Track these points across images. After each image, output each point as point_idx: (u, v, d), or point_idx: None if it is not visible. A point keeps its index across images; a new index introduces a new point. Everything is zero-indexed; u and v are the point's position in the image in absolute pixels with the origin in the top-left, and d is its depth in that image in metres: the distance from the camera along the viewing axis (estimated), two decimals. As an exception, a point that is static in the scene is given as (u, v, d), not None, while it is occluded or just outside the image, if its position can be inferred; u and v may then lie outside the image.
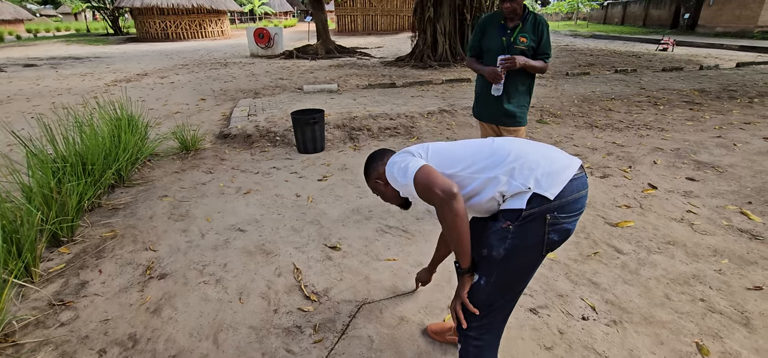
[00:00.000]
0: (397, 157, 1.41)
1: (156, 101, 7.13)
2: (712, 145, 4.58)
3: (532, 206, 1.21)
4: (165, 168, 4.08)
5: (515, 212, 1.23)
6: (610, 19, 31.40)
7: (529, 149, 1.31)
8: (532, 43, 2.52)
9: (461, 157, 1.36)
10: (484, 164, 1.30)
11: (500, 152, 1.31)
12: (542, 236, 1.24)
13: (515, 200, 1.24)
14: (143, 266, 2.52)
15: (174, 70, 10.93)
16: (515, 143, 1.35)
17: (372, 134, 5.07)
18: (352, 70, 10.41)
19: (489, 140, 1.41)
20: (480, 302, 1.33)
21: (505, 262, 1.27)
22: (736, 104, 6.43)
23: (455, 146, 1.42)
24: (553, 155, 1.30)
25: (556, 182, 1.22)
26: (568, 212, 1.25)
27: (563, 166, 1.26)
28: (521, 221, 1.22)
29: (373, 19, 27.46)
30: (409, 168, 1.29)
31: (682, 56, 12.44)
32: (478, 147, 1.38)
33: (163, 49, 17.45)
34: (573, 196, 1.24)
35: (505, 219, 1.25)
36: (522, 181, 1.23)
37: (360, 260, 2.55)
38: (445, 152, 1.40)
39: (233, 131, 5.01)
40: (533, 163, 1.26)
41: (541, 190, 1.21)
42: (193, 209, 3.23)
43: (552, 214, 1.22)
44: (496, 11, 2.62)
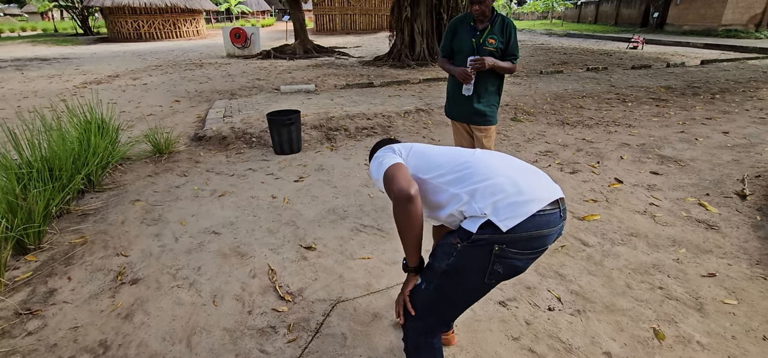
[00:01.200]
0: (380, 152, 1.43)
1: (128, 103, 6.97)
2: (676, 140, 4.78)
3: (482, 231, 1.17)
4: (137, 172, 4.01)
5: (466, 233, 1.21)
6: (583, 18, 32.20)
7: (501, 170, 1.26)
8: (501, 45, 2.60)
9: (437, 164, 1.35)
10: (453, 178, 1.28)
11: (472, 168, 1.28)
12: (486, 264, 1.19)
13: (470, 221, 1.21)
14: (114, 271, 2.48)
15: (147, 71, 10.68)
16: (491, 160, 1.31)
17: (349, 134, 5.10)
18: (330, 69, 10.40)
19: (469, 153, 1.37)
20: (419, 305, 1.36)
21: (445, 276, 1.27)
22: (699, 100, 6.73)
23: (436, 152, 1.42)
24: (522, 183, 1.21)
25: (514, 214, 1.15)
26: (521, 248, 1.17)
27: (528, 199, 1.17)
28: (469, 243, 1.20)
29: (351, 19, 27.42)
30: (383, 164, 1.31)
31: (651, 54, 12.89)
32: (454, 158, 1.35)
33: (136, 50, 17.01)
34: (531, 233, 1.16)
35: (456, 236, 1.24)
36: (480, 205, 1.19)
37: (335, 259, 2.58)
38: (424, 156, 1.40)
39: (208, 133, 4.96)
40: (497, 187, 1.20)
41: (496, 218, 1.15)
42: (166, 213, 3.20)
43: (501, 246, 1.16)
44: (466, 13, 2.68)
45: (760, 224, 2.90)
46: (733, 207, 3.15)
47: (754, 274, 2.38)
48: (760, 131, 5.03)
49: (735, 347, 1.88)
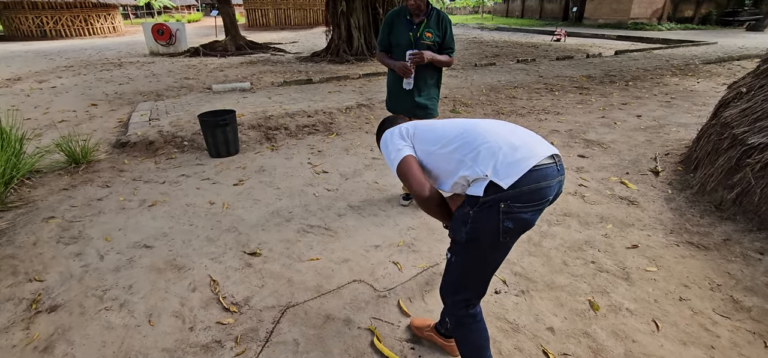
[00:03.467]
0: (387, 135, 1.52)
1: (34, 110, 6.21)
2: (598, 124, 5.19)
3: (488, 194, 1.24)
4: (50, 186, 3.58)
5: (474, 199, 1.28)
6: (511, 13, 33.96)
7: (499, 133, 1.32)
8: (437, 38, 2.64)
9: (440, 136, 1.41)
10: (456, 146, 1.34)
11: (472, 134, 1.34)
12: (497, 223, 1.25)
13: (475, 186, 1.28)
14: (27, 299, 2.19)
15: (55, 72, 9.58)
16: (492, 126, 1.37)
17: (290, 133, 4.94)
18: (266, 67, 10.02)
19: (470, 122, 1.42)
20: (452, 278, 1.47)
21: (467, 245, 1.36)
22: (615, 88, 7.36)
23: (439, 125, 1.48)
24: (517, 142, 1.28)
25: (513, 171, 1.22)
26: (525, 202, 1.23)
27: (525, 156, 1.24)
28: (479, 207, 1.26)
29: (285, 13, 26.62)
30: (392, 156, 1.43)
31: (573, 46, 13.90)
32: (455, 127, 1.42)
33: (40, 49, 15.20)
34: (530, 186, 1.22)
35: (467, 204, 1.31)
36: (482, 167, 1.25)
37: (282, 263, 2.48)
38: (428, 131, 1.47)
39: (132, 138, 4.55)
40: (496, 148, 1.27)
41: (496, 178, 1.22)
42: (87, 229, 2.88)
43: (506, 202, 1.22)
44: (402, 7, 2.69)
45: (671, 196, 3.23)
46: (649, 183, 3.49)
47: (669, 242, 2.64)
48: (666, 114, 5.62)
49: (657, 309, 2.08)
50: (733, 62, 9.89)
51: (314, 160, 4.17)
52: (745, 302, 2.11)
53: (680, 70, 8.95)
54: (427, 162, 1.43)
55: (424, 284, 2.29)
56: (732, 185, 2.88)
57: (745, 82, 3.49)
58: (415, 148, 1.46)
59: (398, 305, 2.13)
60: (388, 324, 2.00)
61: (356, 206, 3.19)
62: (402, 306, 2.11)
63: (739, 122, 3.10)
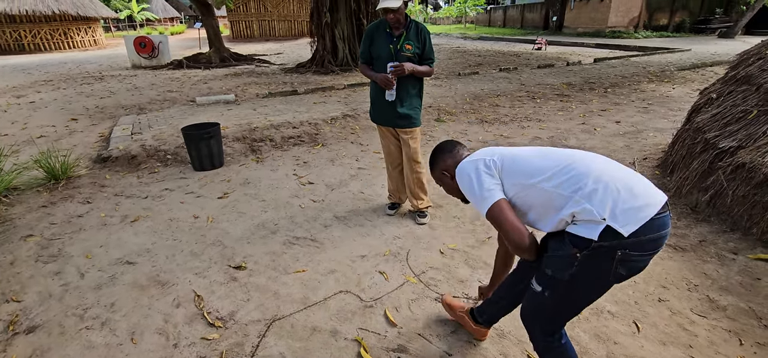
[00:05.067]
0: (470, 168, 1.40)
1: (11, 125, 6.07)
2: (579, 131, 5.32)
3: (603, 239, 1.17)
4: (28, 203, 3.50)
5: (585, 241, 1.20)
6: (493, 22, 34.58)
7: (611, 174, 1.24)
8: (417, 50, 2.69)
9: (538, 168, 1.32)
10: (562, 180, 1.26)
11: (580, 170, 1.26)
12: (609, 270, 1.20)
13: (586, 227, 1.20)
14: (4, 321, 2.13)
15: (34, 87, 9.39)
16: (597, 162, 1.29)
17: (275, 144, 4.93)
18: (251, 78, 9.99)
19: (568, 153, 1.35)
20: (542, 311, 1.40)
21: (567, 286, 1.28)
22: (595, 95, 7.55)
23: (530, 155, 1.39)
24: (635, 188, 1.22)
25: (634, 218, 1.16)
26: (643, 250, 1.19)
27: (646, 203, 1.18)
28: (590, 252, 1.19)
29: (269, 25, 26.62)
30: (485, 196, 1.32)
31: (553, 54, 14.21)
32: (555, 160, 1.33)
33: (18, 63, 14.88)
34: (650, 236, 1.17)
35: (572, 244, 1.23)
36: (598, 209, 1.18)
37: (268, 276, 2.47)
38: (519, 162, 1.37)
39: (114, 153, 4.48)
40: (613, 191, 1.19)
41: (615, 224, 1.15)
42: (67, 247, 2.82)
43: (623, 251, 1.17)
44: (381, 20, 2.73)
45: (649, 200, 3.32)
46: (628, 187, 3.57)
47: (648, 244, 2.71)
48: (644, 119, 5.78)
49: (638, 311, 2.13)
50: (706, 68, 10.24)
51: (300, 171, 4.17)
52: (721, 302, 2.18)
53: (656, 76, 9.22)
54: (522, 197, 1.34)
55: (411, 294, 2.30)
56: (706, 187, 2.98)
57: (715, 89, 3.63)
58: (504, 183, 1.36)
59: (385, 314, 2.14)
60: (375, 334, 2.01)
61: (342, 217, 3.20)
62: (389, 316, 2.12)
63: (710, 127, 3.21)
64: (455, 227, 3.00)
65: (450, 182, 1.57)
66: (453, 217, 3.16)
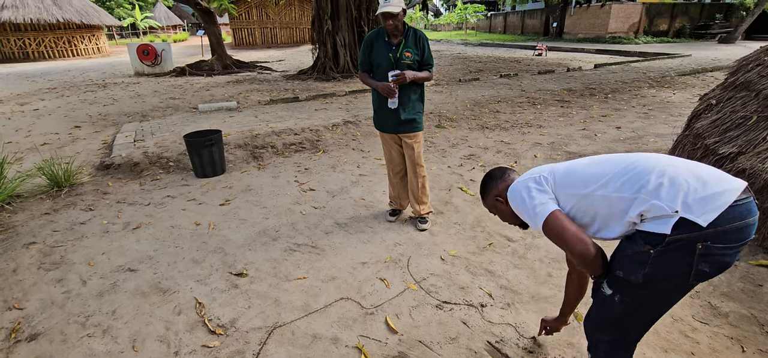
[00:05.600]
0: (521, 186, 1.35)
1: (15, 133, 6.11)
2: (579, 136, 5.32)
3: (678, 231, 1.08)
4: (31, 210, 3.52)
5: (657, 237, 1.11)
6: (494, 29, 34.74)
7: (675, 166, 1.16)
8: (417, 57, 2.71)
9: (593, 176, 1.25)
10: (622, 182, 1.18)
11: (640, 168, 1.18)
12: (689, 266, 1.10)
13: (658, 222, 1.11)
14: (6, 329, 2.14)
15: (38, 95, 9.46)
16: (657, 158, 1.21)
17: (277, 151, 4.96)
18: (253, 85, 10.04)
19: (624, 156, 1.27)
20: (613, 318, 1.30)
21: (643, 287, 1.19)
22: (595, 100, 7.56)
23: (583, 165, 1.33)
24: (705, 175, 1.12)
25: (711, 206, 1.06)
26: (727, 241, 1.07)
27: (722, 190, 1.09)
28: (664, 247, 1.10)
29: (272, 32, 26.81)
30: (537, 210, 1.26)
31: (554, 60, 14.26)
32: (612, 164, 1.25)
33: (23, 71, 15.00)
34: (734, 224, 1.07)
35: (644, 242, 1.14)
36: (667, 202, 1.09)
37: (269, 283, 2.48)
38: (573, 173, 1.31)
39: (117, 160, 4.51)
40: (682, 183, 1.10)
41: (690, 215, 1.06)
42: (70, 254, 2.84)
43: (705, 243, 1.07)
44: (380, 28, 2.76)
45: (650, 206, 3.32)
46: (629, 193, 3.57)
47: (649, 251, 2.71)
48: (644, 125, 5.78)
49: (639, 318, 2.12)
50: (706, 73, 10.25)
51: (301, 178, 4.18)
52: (723, 308, 2.18)
53: (657, 82, 9.23)
54: (581, 208, 1.26)
55: (412, 300, 2.30)
56: (707, 193, 2.98)
57: (715, 95, 3.64)
58: (559, 197, 1.29)
59: (386, 321, 2.14)
60: (376, 341, 2.01)
61: (343, 224, 3.20)
62: (389, 323, 2.12)
63: (710, 133, 3.22)
64: (456, 234, 3.01)
65: (504, 207, 1.50)
66: (454, 223, 3.16)
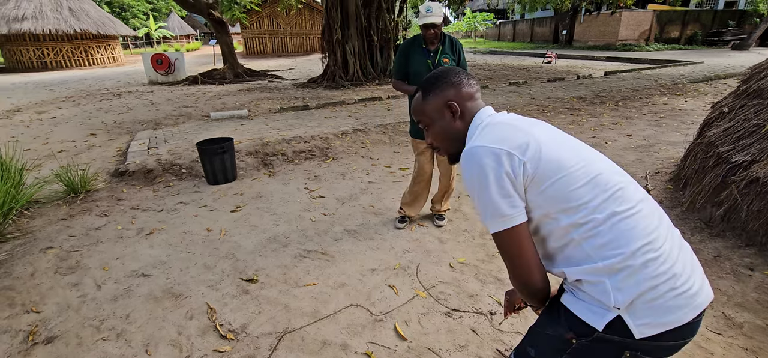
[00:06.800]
0: (489, 158, 0.94)
1: (34, 140, 6.27)
2: (589, 144, 5.27)
3: (610, 331, 0.89)
4: (48, 216, 3.60)
5: (586, 328, 0.92)
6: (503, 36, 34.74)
7: (664, 247, 0.89)
8: (453, 62, 2.78)
9: (579, 203, 0.91)
10: (599, 237, 0.89)
11: (624, 230, 0.89)
12: None
13: (592, 309, 0.91)
14: (24, 331, 2.20)
15: (55, 103, 9.70)
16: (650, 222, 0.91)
17: (287, 159, 5.01)
18: (263, 93, 10.18)
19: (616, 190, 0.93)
20: None
21: None
22: (606, 108, 7.51)
23: (573, 178, 0.92)
24: (679, 279, 0.87)
25: (660, 321, 0.86)
26: (659, 354, 0.92)
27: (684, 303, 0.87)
28: (590, 342, 0.92)
29: (282, 41, 27.15)
30: (498, 212, 0.93)
31: (563, 68, 14.20)
32: (600, 198, 0.91)
33: (41, 80, 15.39)
34: (673, 343, 0.90)
35: (569, 326, 0.95)
36: (617, 294, 0.86)
37: (279, 289, 2.50)
38: (562, 181, 0.92)
39: (131, 167, 4.60)
40: (653, 274, 0.86)
41: (630, 319, 0.87)
42: (85, 259, 2.90)
43: (633, 352, 0.90)
44: (416, 37, 2.83)
45: (662, 214, 3.28)
46: (640, 202, 3.54)
47: (661, 260, 2.68)
48: (656, 133, 5.73)
49: (651, 327, 2.10)
50: (719, 81, 10.13)
51: (311, 185, 4.22)
52: (737, 318, 2.14)
53: (668, 89, 9.15)
54: (544, 226, 0.97)
55: (421, 308, 2.31)
56: (720, 202, 2.94)
57: (727, 102, 3.60)
58: (529, 197, 0.95)
59: (395, 328, 2.15)
60: (385, 348, 2.02)
61: (352, 230, 3.23)
62: (398, 330, 2.13)
63: (722, 141, 3.19)
64: (465, 241, 3.01)
65: (451, 121, 1.13)
66: (463, 231, 3.16)
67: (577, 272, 0.92)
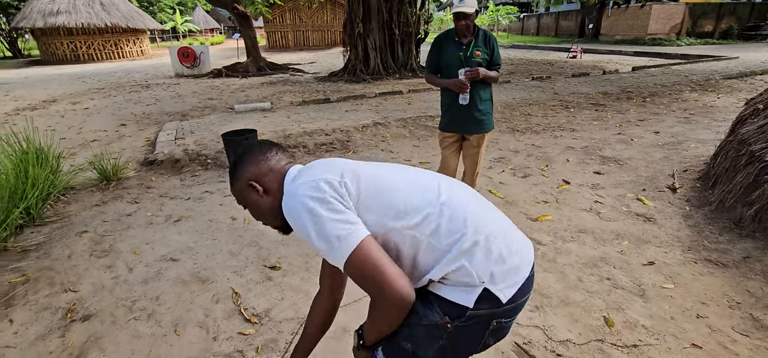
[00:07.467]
0: (308, 193, 0.95)
1: (68, 130, 6.55)
2: (614, 141, 5.18)
3: (480, 306, 0.95)
4: (83, 202, 3.78)
5: (458, 309, 0.96)
6: (526, 30, 34.06)
7: (489, 219, 1.01)
8: (486, 56, 2.77)
9: (409, 206, 0.98)
10: (437, 226, 0.96)
11: (454, 211, 0.98)
12: (479, 340, 1.02)
13: (461, 291, 0.96)
14: (63, 309, 2.33)
15: (88, 94, 10.09)
16: (469, 199, 1.04)
17: (308, 151, 5.09)
18: (285, 86, 10.32)
19: (436, 185, 1.04)
20: None
21: None
22: (632, 104, 7.31)
23: (393, 182, 1.02)
24: (512, 238, 1.02)
25: (513, 280, 0.98)
26: (512, 316, 1.02)
27: (521, 260, 1.01)
28: (464, 321, 0.96)
29: (304, 35, 27.36)
30: (341, 235, 0.90)
31: (588, 63, 13.85)
32: (426, 194, 1.00)
33: (74, 72, 16.01)
34: (522, 299, 1.01)
35: (443, 313, 0.97)
36: (479, 269, 0.94)
37: (301, 276, 2.57)
38: (383, 192, 1.00)
39: (159, 157, 4.77)
40: (495, 246, 0.97)
41: (495, 287, 0.95)
42: (117, 243, 3.04)
43: (498, 320, 0.98)
44: (449, 30, 2.83)
45: (689, 213, 3.20)
46: (666, 200, 3.46)
47: (687, 259, 2.63)
48: (685, 130, 5.56)
49: (674, 326, 2.07)
50: (755, 77, 9.70)
51: (332, 177, 4.28)
52: (765, 320, 2.09)
53: (700, 85, 8.82)
54: (383, 243, 0.97)
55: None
56: (751, 201, 2.85)
57: (763, 99, 3.47)
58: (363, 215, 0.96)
59: (413, 318, 2.18)
60: (403, 337, 2.05)
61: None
62: (417, 320, 2.16)
63: (756, 139, 3.08)
64: (484, 236, 3.01)
65: (262, 199, 1.12)
66: (482, 225, 3.16)
67: (439, 269, 0.96)
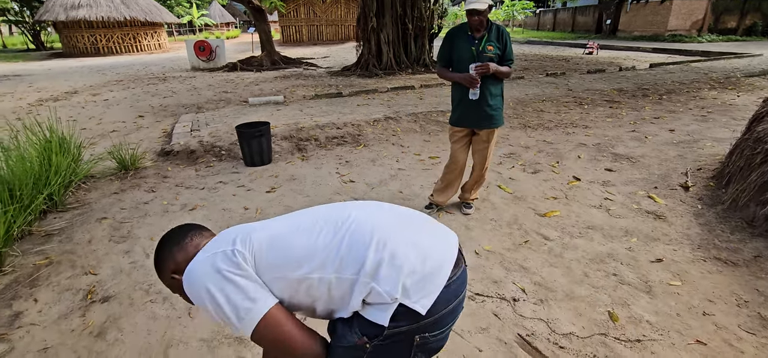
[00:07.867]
0: (207, 270, 0.96)
1: (89, 120, 6.75)
2: (628, 138, 5.12)
3: (398, 322, 0.94)
4: (103, 189, 3.91)
5: (376, 328, 0.95)
6: (542, 26, 33.56)
7: (394, 230, 1.01)
8: (498, 51, 2.77)
9: (306, 250, 0.98)
10: (340, 259, 0.96)
11: (356, 236, 0.98)
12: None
13: (377, 310, 0.95)
14: (84, 290, 2.44)
15: (107, 86, 10.34)
16: (374, 216, 1.04)
17: (320, 144, 5.16)
18: (299, 81, 10.41)
19: (335, 214, 1.06)
20: None
21: None
22: (648, 101, 7.20)
23: (289, 233, 1.03)
24: (425, 245, 1.00)
25: (429, 289, 0.95)
26: (441, 327, 0.98)
27: (437, 265, 0.98)
28: (382, 340, 0.95)
29: (318, 29, 27.45)
30: (243, 307, 0.92)
31: (605, 59, 13.63)
32: (324, 230, 1.01)
33: (94, 65, 16.39)
34: (448, 308, 0.98)
35: (361, 332, 0.97)
36: (388, 287, 0.93)
37: (310, 265, 2.63)
38: (279, 247, 1.00)
39: (176, 148, 4.89)
40: (402, 257, 0.95)
41: (409, 301, 0.93)
42: (135, 230, 3.15)
43: (422, 335, 0.96)
44: (462, 24, 2.85)
45: (700, 212, 3.17)
46: (678, 198, 3.43)
47: (696, 257, 2.61)
48: (701, 128, 5.46)
49: (679, 322, 2.07)
50: (779, 75, 9.44)
51: (342, 170, 4.34)
52: (773, 319, 2.08)
53: (719, 83, 8.62)
54: (294, 293, 0.99)
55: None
56: (765, 200, 2.82)
57: (781, 97, 3.40)
58: (263, 280, 0.98)
59: (418, 308, 2.22)
60: (408, 325, 2.10)
61: (381, 215, 3.31)
62: (422, 309, 2.20)
63: (772, 137, 3.03)
64: (492, 230, 3.03)
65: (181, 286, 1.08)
66: (490, 220, 3.18)
67: (355, 298, 0.95)
